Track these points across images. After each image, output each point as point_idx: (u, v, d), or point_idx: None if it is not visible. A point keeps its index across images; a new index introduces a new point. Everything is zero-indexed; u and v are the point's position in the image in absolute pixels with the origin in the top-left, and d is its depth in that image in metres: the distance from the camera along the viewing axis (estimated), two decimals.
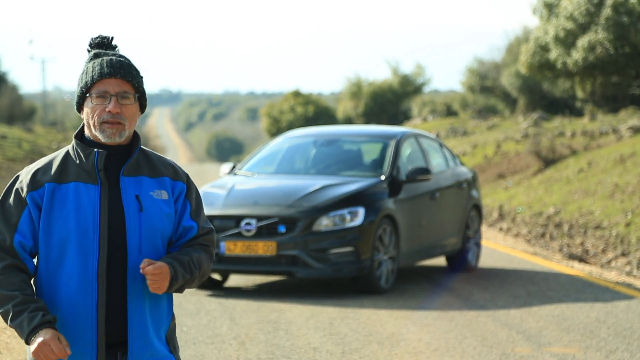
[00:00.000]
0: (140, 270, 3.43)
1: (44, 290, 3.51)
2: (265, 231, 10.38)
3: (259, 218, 10.40)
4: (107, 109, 3.47)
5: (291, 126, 57.65)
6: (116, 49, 3.62)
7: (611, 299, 10.40)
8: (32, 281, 3.54)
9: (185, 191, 3.63)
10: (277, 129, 61.54)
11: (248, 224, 10.41)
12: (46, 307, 3.44)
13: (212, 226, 3.70)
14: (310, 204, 10.54)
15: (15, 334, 8.34)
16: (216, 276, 11.13)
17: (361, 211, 10.60)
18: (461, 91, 58.12)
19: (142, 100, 3.57)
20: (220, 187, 11.22)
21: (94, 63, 3.53)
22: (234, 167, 12.32)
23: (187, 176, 3.67)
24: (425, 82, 63.07)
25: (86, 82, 3.51)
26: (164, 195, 3.57)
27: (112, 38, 3.63)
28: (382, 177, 11.26)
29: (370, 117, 60.52)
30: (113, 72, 3.49)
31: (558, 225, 17.00)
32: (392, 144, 11.78)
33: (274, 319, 9.25)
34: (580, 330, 8.79)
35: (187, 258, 3.56)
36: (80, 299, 3.45)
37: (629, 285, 11.43)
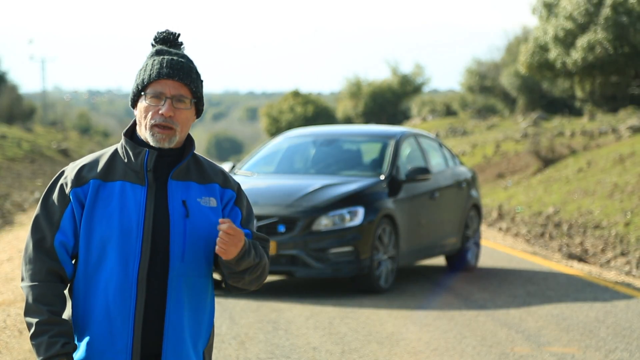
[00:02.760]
0: (218, 226, 3.25)
1: (81, 293, 3.31)
2: (265, 231, 10.38)
3: (259, 218, 10.40)
4: (160, 112, 3.29)
5: (290, 126, 57.70)
6: (182, 47, 3.41)
7: (610, 298, 10.41)
8: (68, 287, 3.36)
9: (234, 199, 3.46)
10: (276, 129, 61.58)
11: None
12: (71, 331, 3.27)
13: (267, 237, 3.51)
14: (309, 204, 10.54)
15: (15, 333, 8.34)
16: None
17: (361, 211, 10.61)
18: (461, 91, 58.15)
19: (198, 105, 3.37)
20: None
21: (153, 60, 3.33)
22: (233, 166, 12.32)
23: (239, 185, 3.49)
24: (425, 81, 63.20)
25: (143, 79, 3.32)
26: (212, 202, 3.39)
27: (179, 35, 3.42)
28: (382, 177, 11.27)
29: (369, 117, 60.58)
30: (171, 73, 3.30)
31: (557, 225, 17.02)
32: (392, 143, 11.79)
33: (274, 318, 9.25)
34: (579, 329, 8.80)
35: (258, 245, 3.41)
36: (118, 304, 3.26)
37: (628, 285, 11.43)
